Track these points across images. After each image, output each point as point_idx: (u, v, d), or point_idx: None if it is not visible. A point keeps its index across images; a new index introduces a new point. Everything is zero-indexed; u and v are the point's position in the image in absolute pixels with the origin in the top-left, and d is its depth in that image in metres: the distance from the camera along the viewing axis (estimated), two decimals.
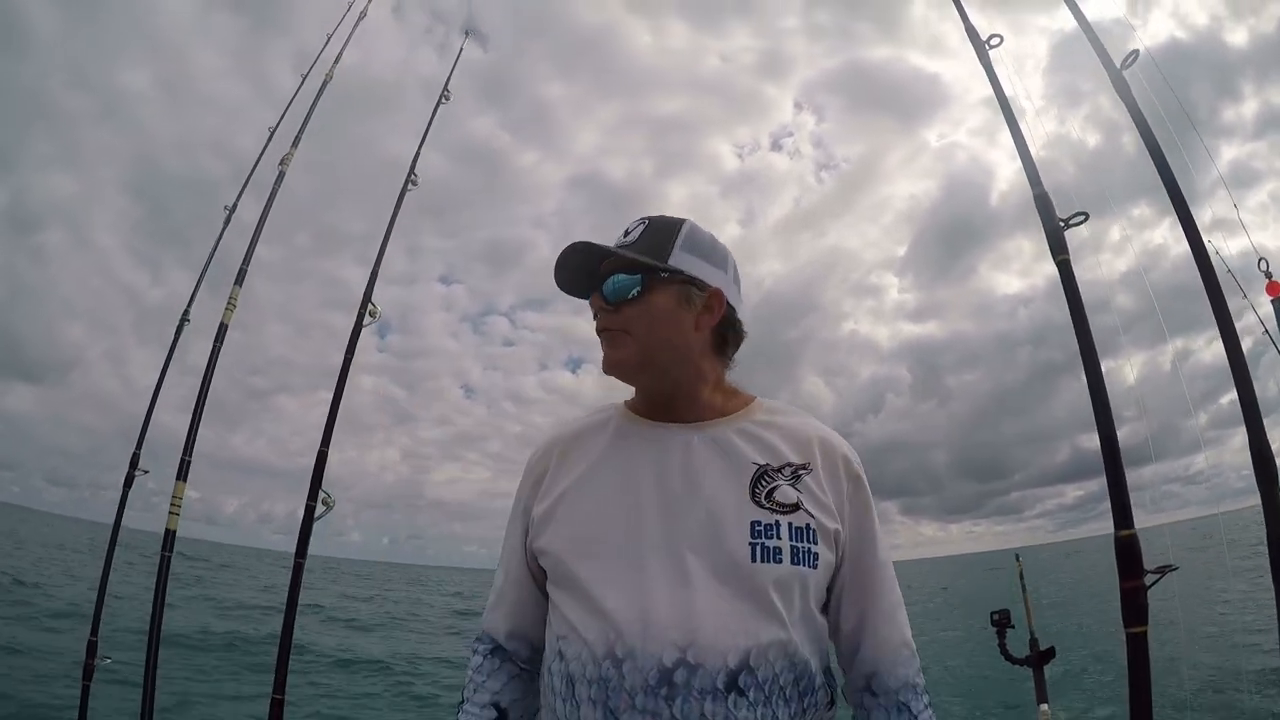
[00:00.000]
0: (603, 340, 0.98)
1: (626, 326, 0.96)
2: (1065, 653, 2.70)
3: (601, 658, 0.83)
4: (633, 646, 0.82)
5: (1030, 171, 2.01)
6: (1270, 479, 1.55)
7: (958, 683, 8.88)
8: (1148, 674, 1.55)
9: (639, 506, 0.91)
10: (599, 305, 0.97)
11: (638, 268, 0.96)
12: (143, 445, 3.25)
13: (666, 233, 0.99)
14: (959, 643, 12.21)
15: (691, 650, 0.81)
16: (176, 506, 2.76)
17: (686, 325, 0.96)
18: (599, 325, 0.99)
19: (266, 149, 3.69)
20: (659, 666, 0.81)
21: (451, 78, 3.65)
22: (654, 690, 0.80)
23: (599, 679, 0.83)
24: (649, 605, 0.84)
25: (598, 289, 0.97)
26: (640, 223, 1.00)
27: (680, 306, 0.96)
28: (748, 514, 0.90)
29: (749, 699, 0.82)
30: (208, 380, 3.04)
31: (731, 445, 0.95)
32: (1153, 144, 1.91)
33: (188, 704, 6.19)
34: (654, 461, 0.95)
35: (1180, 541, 1.85)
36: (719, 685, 0.81)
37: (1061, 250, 1.87)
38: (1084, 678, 8.10)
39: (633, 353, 0.96)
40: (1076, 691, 7.48)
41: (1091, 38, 2.11)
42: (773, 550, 0.87)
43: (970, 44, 2.37)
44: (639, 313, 0.95)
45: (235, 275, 3.25)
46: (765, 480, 0.93)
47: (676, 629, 0.82)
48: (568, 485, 0.97)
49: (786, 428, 0.99)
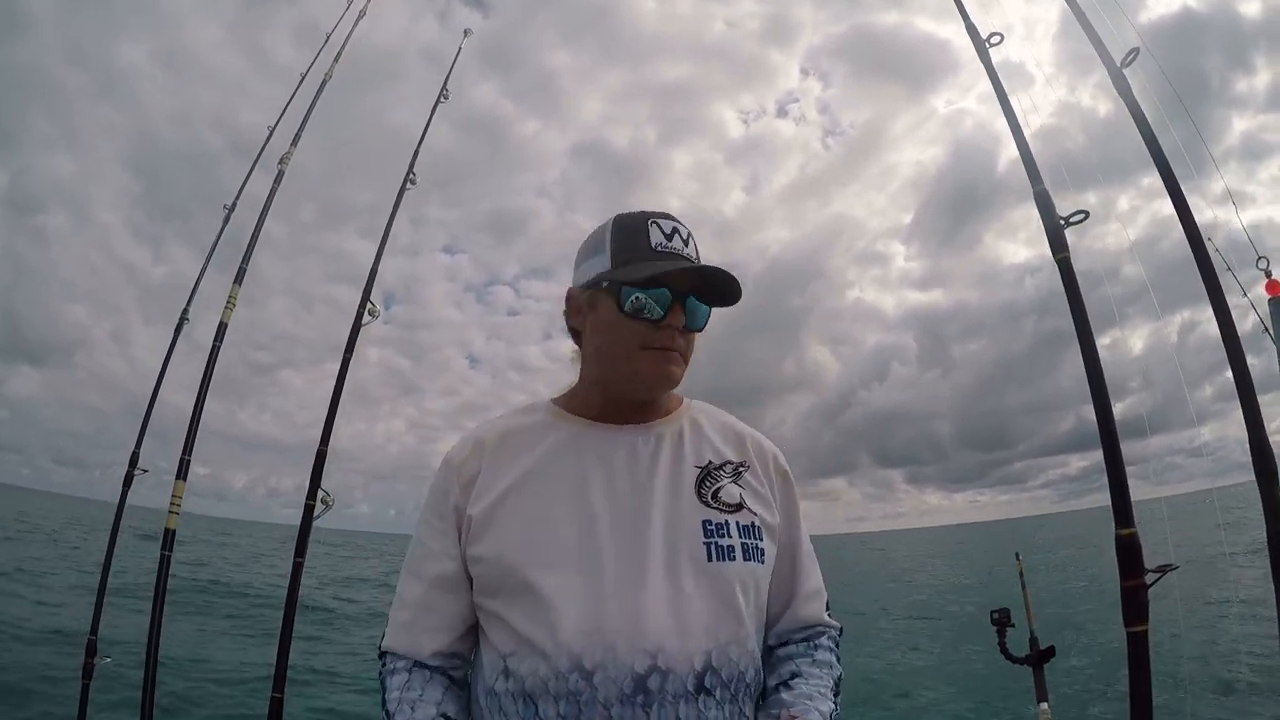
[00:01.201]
0: (660, 356, 0.91)
1: (687, 352, 0.94)
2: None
3: (567, 671, 0.79)
4: (602, 658, 0.79)
5: (1031, 169, 2.00)
6: (1270, 476, 1.55)
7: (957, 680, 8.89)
8: (1148, 673, 1.55)
9: (590, 510, 0.88)
10: (679, 324, 0.91)
11: (718, 300, 0.94)
12: (142, 444, 3.25)
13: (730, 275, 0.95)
14: (960, 629, 12.30)
15: (661, 655, 0.80)
16: (176, 506, 2.76)
17: None
18: (671, 344, 0.91)
19: (266, 147, 3.69)
20: (632, 674, 0.79)
21: (450, 77, 3.62)
22: (630, 699, 0.78)
23: (567, 693, 0.79)
24: (614, 613, 0.81)
25: (680, 303, 0.90)
26: (689, 232, 0.96)
27: None
28: (698, 514, 0.90)
29: (715, 698, 0.82)
30: (208, 379, 3.03)
31: (674, 445, 0.95)
32: (1152, 142, 1.91)
33: (187, 705, 6.19)
34: (601, 463, 0.92)
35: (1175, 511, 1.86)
36: (689, 688, 0.80)
37: (1062, 248, 1.87)
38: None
39: (681, 373, 0.94)
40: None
41: (1091, 35, 2.10)
42: (726, 549, 0.88)
43: (970, 42, 2.37)
44: (694, 340, 0.95)
45: (235, 275, 3.25)
46: (710, 480, 0.94)
47: (645, 635, 0.80)
48: (507, 487, 0.90)
49: (720, 426, 1.01)
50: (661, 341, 0.90)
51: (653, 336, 0.90)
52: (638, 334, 0.90)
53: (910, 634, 13.02)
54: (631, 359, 0.91)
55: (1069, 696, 6.73)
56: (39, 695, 5.67)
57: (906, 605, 17.89)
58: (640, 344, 0.90)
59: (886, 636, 12.52)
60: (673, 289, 0.89)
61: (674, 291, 0.90)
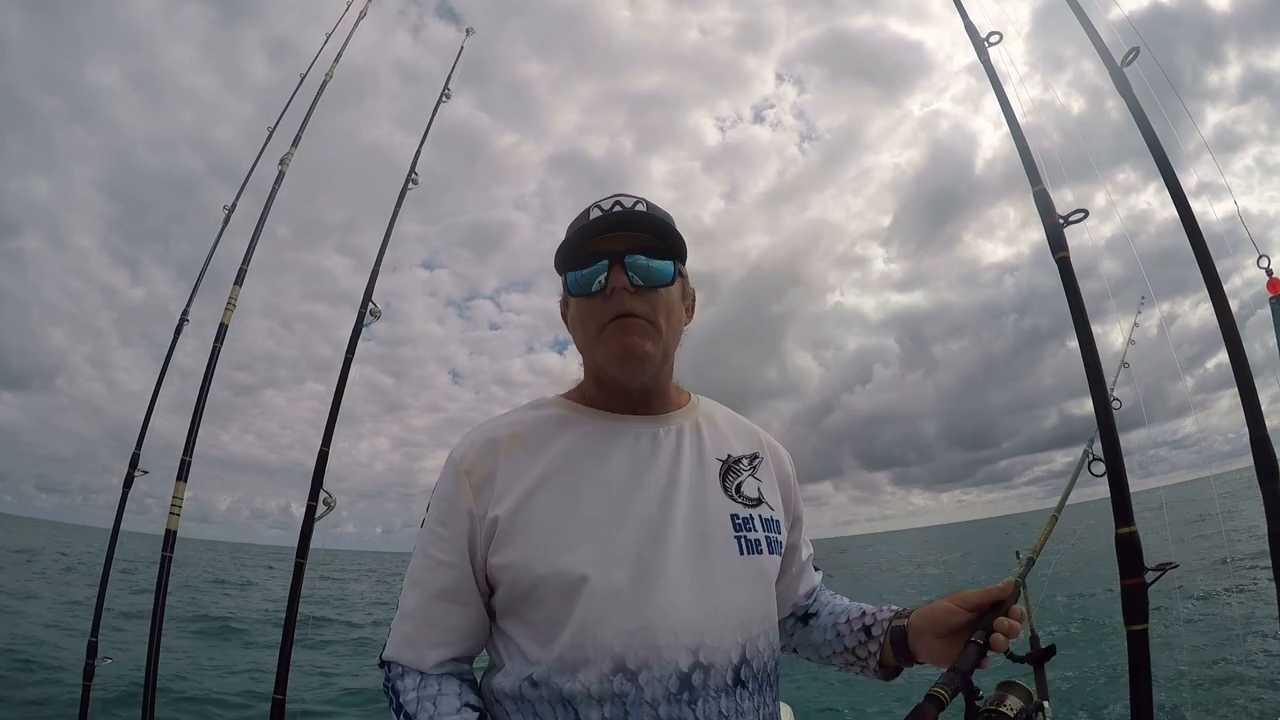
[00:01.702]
0: (620, 327, 0.86)
1: (654, 316, 0.87)
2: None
3: (610, 673, 0.77)
4: (646, 657, 0.77)
5: (1030, 169, 2.00)
6: (1270, 473, 1.55)
7: None
8: (1148, 671, 1.55)
9: (622, 506, 0.84)
10: (622, 285, 0.85)
11: (669, 252, 0.88)
12: (142, 446, 3.25)
13: (671, 220, 0.91)
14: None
15: (703, 651, 0.79)
16: (177, 507, 2.76)
17: (683, 321, 0.94)
18: (623, 309, 0.85)
19: (265, 148, 3.69)
20: (677, 673, 0.78)
21: (452, 76, 3.63)
22: (676, 697, 0.77)
23: (612, 696, 0.76)
24: (656, 612, 0.79)
25: (618, 264, 0.85)
26: (638, 199, 0.90)
27: (683, 301, 0.94)
28: (725, 507, 0.90)
29: (749, 690, 0.83)
30: (208, 379, 3.03)
31: (694, 438, 0.94)
32: (1153, 139, 1.91)
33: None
34: (627, 457, 0.89)
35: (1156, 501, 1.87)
36: (729, 682, 0.80)
37: (1061, 247, 1.86)
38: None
39: (658, 347, 0.88)
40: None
41: (1092, 35, 2.11)
42: (754, 542, 0.89)
43: (970, 42, 2.37)
44: (666, 302, 0.88)
45: (235, 275, 3.25)
46: (732, 473, 0.94)
47: (687, 632, 0.79)
48: (531, 487, 0.85)
49: (730, 421, 1.02)
50: (612, 310, 0.85)
51: (603, 308, 0.86)
52: (593, 312, 0.87)
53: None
54: (597, 341, 0.88)
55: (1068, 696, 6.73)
56: (39, 694, 5.67)
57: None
58: (597, 323, 0.87)
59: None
60: (608, 254, 0.86)
61: (610, 257, 0.86)
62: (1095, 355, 1.76)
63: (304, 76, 3.83)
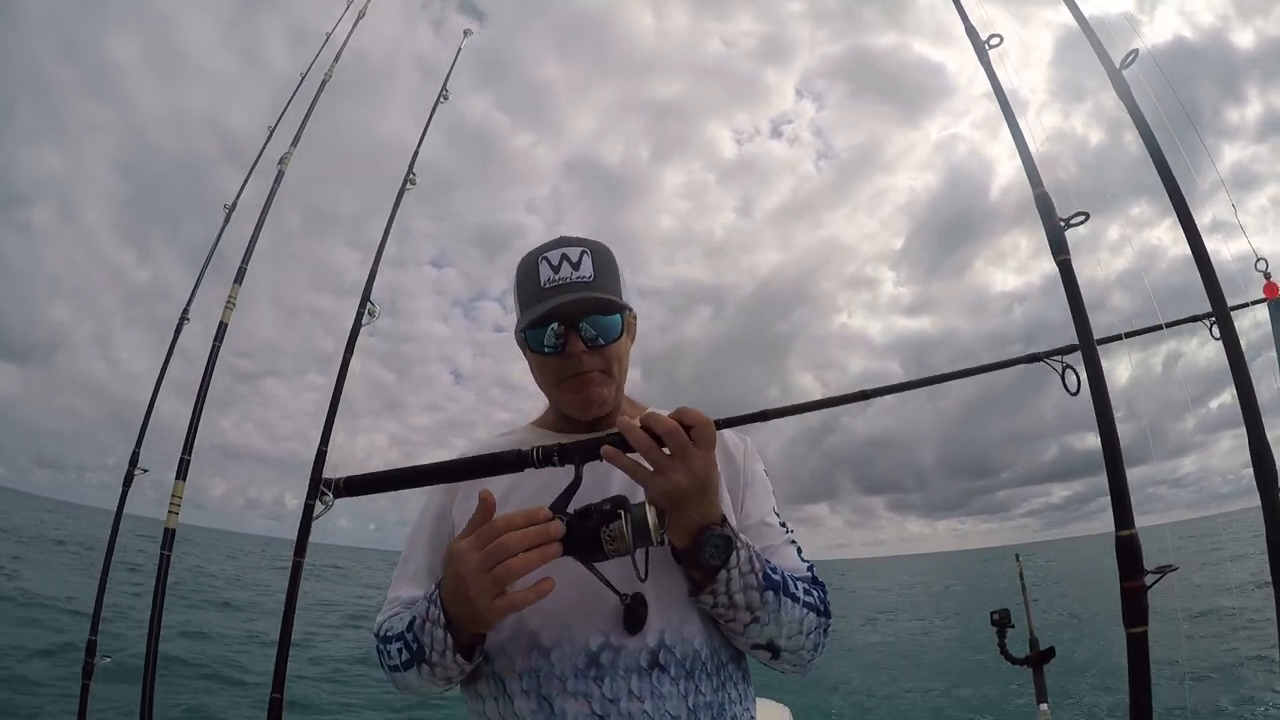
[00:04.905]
0: (578, 382, 0.98)
1: (608, 367, 0.99)
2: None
3: (528, 650, 0.89)
4: (559, 636, 0.88)
5: (1030, 171, 2.00)
6: (1270, 480, 1.55)
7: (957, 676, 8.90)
8: (1148, 675, 1.55)
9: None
10: (579, 350, 0.96)
11: (614, 307, 0.98)
12: (141, 445, 3.25)
13: (611, 261, 1.00)
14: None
15: (614, 634, 0.88)
16: (176, 506, 2.76)
17: (629, 352, 1.03)
18: (580, 368, 0.97)
19: (266, 147, 3.69)
20: (586, 651, 0.87)
21: (451, 75, 3.61)
22: (583, 673, 0.86)
23: (529, 670, 0.88)
24: (571, 596, 0.86)
25: (573, 329, 0.96)
26: (582, 250, 0.99)
27: (629, 337, 1.03)
28: None
29: (670, 674, 0.88)
30: (207, 379, 3.03)
31: None
32: (1153, 144, 1.90)
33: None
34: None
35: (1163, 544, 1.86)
36: (642, 664, 0.88)
37: (1062, 250, 1.86)
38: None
39: (612, 389, 1.00)
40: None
41: (1091, 37, 2.10)
42: None
43: (970, 44, 2.37)
44: (617, 352, 1.00)
45: (235, 274, 3.25)
46: None
47: (600, 615, 0.88)
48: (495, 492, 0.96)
49: None
50: (570, 370, 0.97)
51: (562, 367, 0.98)
52: (551, 369, 0.99)
53: (909, 653, 12.99)
54: (558, 391, 1.01)
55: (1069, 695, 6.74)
56: (39, 695, 5.67)
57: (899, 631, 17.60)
58: (556, 379, 1.00)
59: (880, 651, 12.53)
60: (562, 319, 0.96)
61: (564, 319, 0.96)
62: (1095, 355, 1.76)
63: (304, 76, 3.83)
